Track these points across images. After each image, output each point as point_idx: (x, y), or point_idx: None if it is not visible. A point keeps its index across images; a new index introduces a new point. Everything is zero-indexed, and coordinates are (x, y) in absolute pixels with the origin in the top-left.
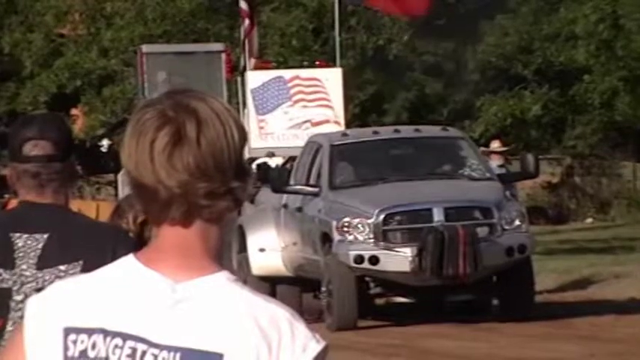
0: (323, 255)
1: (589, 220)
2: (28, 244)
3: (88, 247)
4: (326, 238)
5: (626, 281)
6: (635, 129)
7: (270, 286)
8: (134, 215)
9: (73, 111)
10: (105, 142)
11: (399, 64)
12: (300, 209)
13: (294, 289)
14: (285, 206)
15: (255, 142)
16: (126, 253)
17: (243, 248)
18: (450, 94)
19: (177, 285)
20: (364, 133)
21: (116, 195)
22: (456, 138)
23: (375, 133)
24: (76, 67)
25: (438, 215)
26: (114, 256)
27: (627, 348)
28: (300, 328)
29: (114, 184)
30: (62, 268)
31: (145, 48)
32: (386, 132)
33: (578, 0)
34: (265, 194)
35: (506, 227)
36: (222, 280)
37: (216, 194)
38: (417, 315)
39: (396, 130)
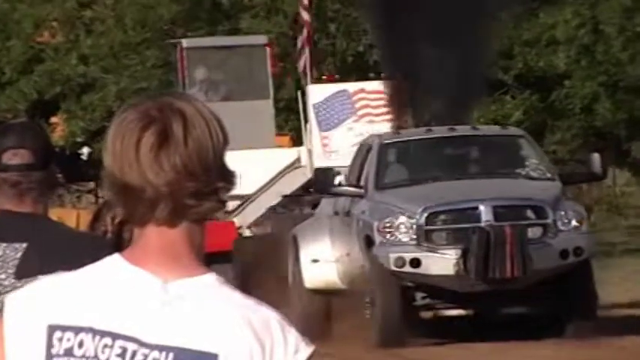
0: (367, 261)
1: None
2: (6, 254)
3: (68, 257)
4: (369, 242)
5: (609, 286)
6: (615, 134)
7: (324, 299)
8: (112, 216)
9: (53, 119)
10: (85, 150)
11: (379, 70)
12: (348, 213)
13: (350, 302)
14: (337, 213)
15: (319, 160)
16: None
17: (298, 260)
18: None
19: (167, 284)
20: (417, 132)
21: (96, 203)
22: (515, 136)
23: (429, 131)
24: (55, 73)
25: (485, 214)
26: None
27: (630, 355)
28: (292, 331)
29: (94, 192)
30: (41, 277)
31: (185, 42)
32: (440, 130)
33: (558, 5)
34: (324, 204)
35: (563, 228)
36: (212, 281)
37: (202, 194)
38: (468, 330)
39: (451, 129)
